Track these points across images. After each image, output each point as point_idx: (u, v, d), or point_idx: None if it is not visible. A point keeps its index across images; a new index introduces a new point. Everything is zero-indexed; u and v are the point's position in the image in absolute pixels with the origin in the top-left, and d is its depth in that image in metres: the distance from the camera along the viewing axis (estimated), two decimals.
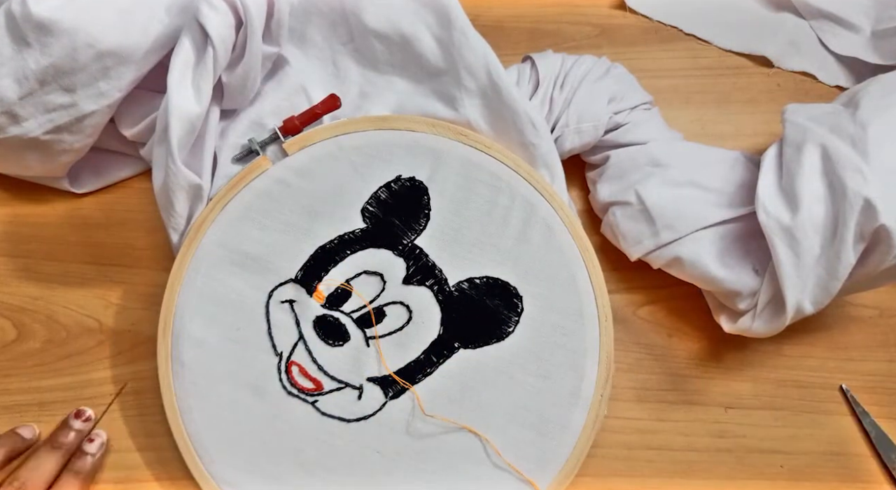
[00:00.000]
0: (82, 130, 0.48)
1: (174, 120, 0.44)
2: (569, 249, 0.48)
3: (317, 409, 0.47)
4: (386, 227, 0.48)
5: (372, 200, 0.48)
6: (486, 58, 0.48)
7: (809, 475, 0.50)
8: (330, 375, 0.47)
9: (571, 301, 0.47)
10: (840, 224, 0.42)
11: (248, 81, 0.48)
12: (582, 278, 0.48)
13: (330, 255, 0.48)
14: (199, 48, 0.45)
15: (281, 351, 0.47)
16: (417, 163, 0.48)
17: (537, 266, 0.48)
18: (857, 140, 0.43)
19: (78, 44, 0.44)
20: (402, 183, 0.48)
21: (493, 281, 0.48)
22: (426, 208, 0.48)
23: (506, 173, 0.48)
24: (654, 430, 0.51)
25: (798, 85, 0.58)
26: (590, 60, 0.52)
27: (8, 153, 0.50)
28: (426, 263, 0.48)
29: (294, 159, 0.48)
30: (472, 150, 0.48)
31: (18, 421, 0.50)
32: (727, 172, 0.49)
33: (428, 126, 0.48)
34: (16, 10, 0.43)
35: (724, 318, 0.49)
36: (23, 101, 0.46)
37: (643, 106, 0.51)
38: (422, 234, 0.48)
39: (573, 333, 0.47)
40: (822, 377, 0.52)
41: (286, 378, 0.47)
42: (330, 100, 0.50)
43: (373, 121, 0.48)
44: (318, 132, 0.48)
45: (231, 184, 0.48)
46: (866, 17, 0.58)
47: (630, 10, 0.59)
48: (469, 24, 0.48)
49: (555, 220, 0.48)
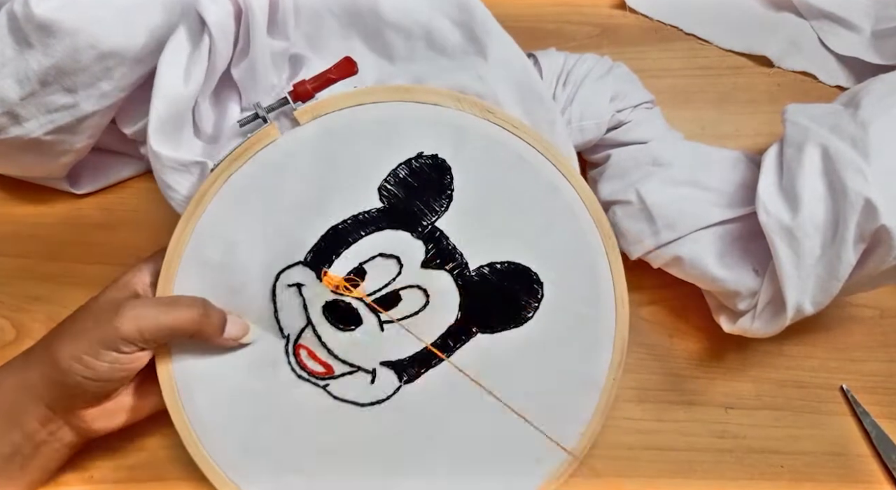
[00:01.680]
0: (83, 131, 0.48)
1: (157, 100, 0.43)
2: (591, 235, 0.46)
3: (328, 393, 0.46)
4: (405, 207, 0.45)
5: (390, 178, 0.45)
6: (511, 40, 0.47)
7: (810, 475, 0.50)
8: (340, 359, 0.46)
9: (590, 288, 0.46)
10: (841, 224, 0.42)
11: (258, 75, 0.47)
12: (602, 265, 0.46)
13: (343, 237, 0.45)
14: (196, 34, 0.44)
15: (288, 334, 0.46)
16: (440, 139, 0.45)
17: (559, 252, 0.46)
18: (857, 140, 0.43)
19: (80, 44, 0.44)
20: (424, 160, 0.45)
21: (515, 266, 0.46)
22: (449, 188, 0.46)
23: (532, 155, 0.46)
24: (655, 430, 0.51)
25: (798, 85, 0.58)
26: (592, 59, 0.52)
27: (8, 153, 0.50)
28: (446, 246, 0.46)
29: (306, 129, 0.45)
30: (499, 130, 0.46)
31: None
32: (728, 172, 0.49)
33: (453, 100, 0.45)
34: (18, 11, 0.43)
35: (724, 319, 0.49)
36: (24, 101, 0.46)
37: (645, 105, 0.51)
38: (443, 216, 0.46)
39: (590, 320, 0.46)
40: (823, 377, 0.52)
41: (295, 361, 0.46)
42: (345, 63, 0.46)
43: (394, 91, 0.45)
44: (332, 101, 0.45)
45: (235, 154, 0.44)
46: (867, 17, 0.58)
47: (630, 9, 0.59)
48: (486, 9, 0.47)
49: (579, 205, 0.46)
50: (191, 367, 0.45)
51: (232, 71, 0.47)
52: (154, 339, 0.41)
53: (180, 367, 0.45)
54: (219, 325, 0.43)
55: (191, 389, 0.45)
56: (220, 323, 0.43)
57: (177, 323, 0.41)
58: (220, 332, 0.43)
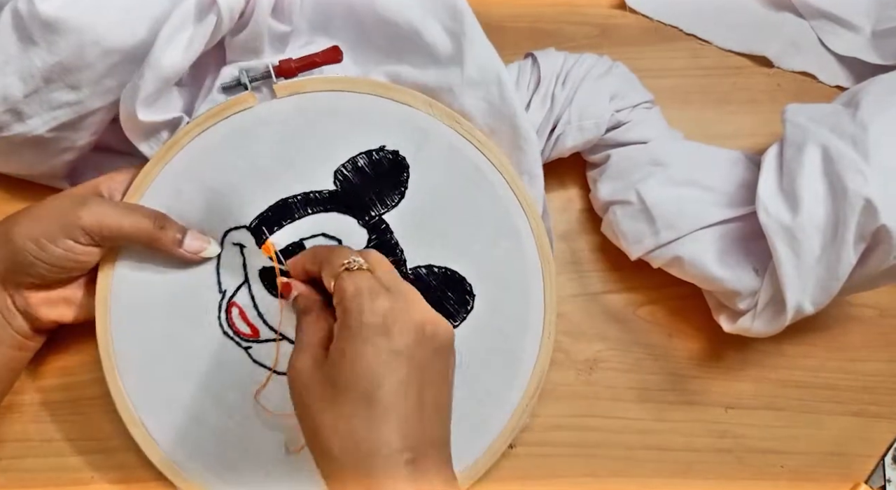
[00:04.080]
0: (86, 128, 0.48)
1: (149, 72, 0.44)
2: (532, 260, 0.48)
3: (249, 355, 0.47)
4: (357, 194, 0.47)
5: (348, 164, 0.47)
6: (492, 55, 0.47)
7: (809, 475, 0.50)
8: (269, 325, 0.47)
9: (520, 311, 0.48)
10: (840, 224, 0.43)
11: (249, 51, 0.48)
12: (536, 292, 0.48)
13: (290, 210, 0.47)
14: (204, 10, 0.45)
15: (225, 289, 0.47)
16: (405, 138, 0.47)
17: (497, 270, 0.48)
18: (857, 140, 0.43)
19: (84, 42, 0.44)
20: (385, 154, 0.47)
21: (452, 273, 0.47)
22: (403, 186, 0.47)
23: (490, 171, 0.47)
24: (654, 430, 0.51)
25: (798, 85, 0.58)
26: (591, 59, 0.52)
27: (10, 150, 0.50)
28: (389, 240, 0.47)
29: (281, 103, 0.47)
30: (463, 141, 0.47)
31: (18, 420, 0.50)
32: (728, 172, 0.49)
33: (425, 105, 0.47)
34: (22, 9, 0.43)
35: (724, 318, 0.49)
36: (28, 98, 0.46)
37: (644, 104, 0.51)
38: (392, 211, 0.47)
39: (514, 343, 0.47)
40: (823, 377, 0.52)
41: (224, 318, 0.47)
42: (332, 51, 0.48)
43: (372, 85, 0.47)
44: (312, 82, 0.47)
45: (212, 112, 0.46)
46: (866, 17, 0.58)
47: (630, 9, 0.59)
48: (475, 20, 0.47)
49: (525, 230, 0.48)
50: (127, 291, 0.46)
51: (226, 40, 0.47)
52: (111, 236, 0.44)
53: (118, 287, 0.46)
54: (174, 238, 0.45)
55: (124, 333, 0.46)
56: (177, 236, 0.45)
57: (134, 226, 0.44)
58: (177, 245, 0.45)
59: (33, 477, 0.50)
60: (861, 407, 0.52)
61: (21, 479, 0.50)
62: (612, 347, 0.53)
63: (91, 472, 0.50)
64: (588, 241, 0.54)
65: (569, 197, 0.55)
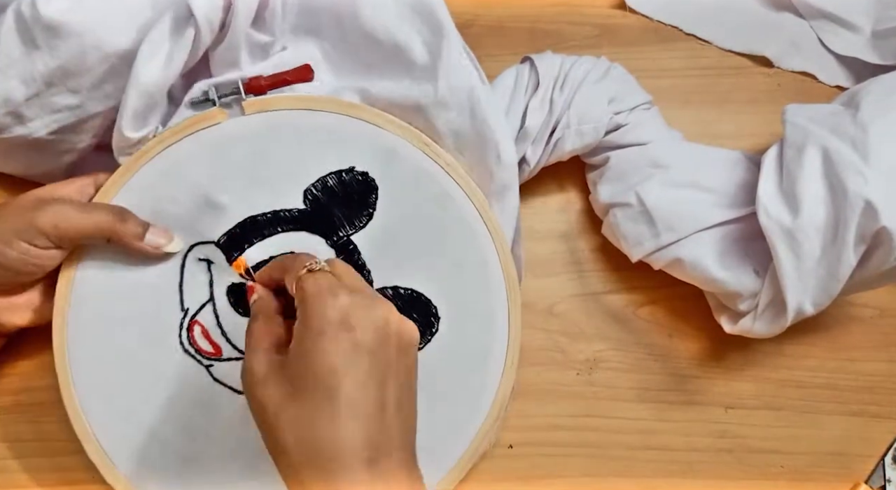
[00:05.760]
0: (87, 131, 0.49)
1: (133, 89, 0.44)
2: (497, 287, 0.47)
3: (210, 373, 0.46)
4: (325, 215, 0.47)
5: (318, 184, 0.47)
6: (469, 75, 0.47)
7: (810, 475, 0.50)
8: (232, 344, 0.47)
9: (484, 338, 0.47)
10: (841, 226, 0.43)
11: (227, 62, 0.47)
12: (501, 319, 0.47)
13: (258, 228, 0.46)
14: (181, 24, 0.44)
15: (188, 307, 0.46)
16: (374, 159, 0.47)
17: (463, 294, 0.47)
18: (857, 141, 0.43)
19: (86, 46, 0.44)
20: (354, 175, 0.47)
21: (418, 295, 0.47)
22: (371, 207, 0.47)
23: (459, 196, 0.47)
24: (655, 430, 0.51)
25: (798, 85, 0.58)
26: (589, 61, 0.51)
27: (10, 151, 0.50)
28: (356, 261, 0.47)
29: (250, 120, 0.46)
30: (432, 164, 0.47)
31: (15, 421, 0.50)
32: (728, 173, 0.50)
33: (395, 126, 0.47)
34: (25, 12, 0.43)
35: (724, 319, 0.49)
36: (29, 101, 0.46)
37: (643, 106, 0.51)
38: (359, 232, 0.47)
39: (476, 369, 0.47)
40: (823, 377, 0.52)
41: (186, 336, 0.46)
42: (303, 69, 0.47)
43: (341, 105, 0.47)
44: (281, 99, 0.46)
45: (180, 127, 0.46)
46: (866, 17, 0.58)
47: (630, 9, 0.59)
48: (458, 36, 0.47)
49: (492, 256, 0.47)
50: (84, 326, 0.46)
51: (209, 52, 0.47)
52: (69, 237, 0.43)
53: (77, 295, 0.46)
54: (136, 232, 0.44)
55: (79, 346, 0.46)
56: (138, 229, 0.44)
57: (92, 223, 0.43)
58: (139, 239, 0.44)
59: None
60: (861, 407, 0.52)
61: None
62: (612, 347, 0.53)
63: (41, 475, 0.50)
64: (588, 242, 0.54)
65: (568, 197, 0.55)
